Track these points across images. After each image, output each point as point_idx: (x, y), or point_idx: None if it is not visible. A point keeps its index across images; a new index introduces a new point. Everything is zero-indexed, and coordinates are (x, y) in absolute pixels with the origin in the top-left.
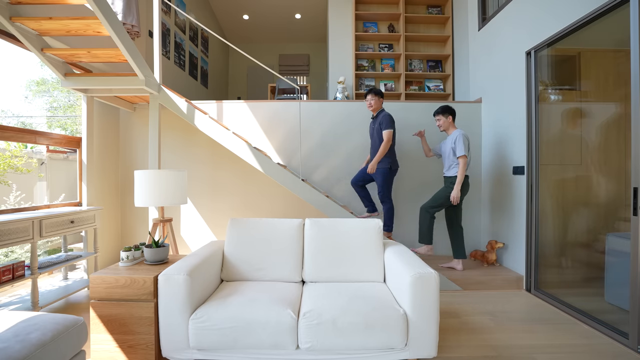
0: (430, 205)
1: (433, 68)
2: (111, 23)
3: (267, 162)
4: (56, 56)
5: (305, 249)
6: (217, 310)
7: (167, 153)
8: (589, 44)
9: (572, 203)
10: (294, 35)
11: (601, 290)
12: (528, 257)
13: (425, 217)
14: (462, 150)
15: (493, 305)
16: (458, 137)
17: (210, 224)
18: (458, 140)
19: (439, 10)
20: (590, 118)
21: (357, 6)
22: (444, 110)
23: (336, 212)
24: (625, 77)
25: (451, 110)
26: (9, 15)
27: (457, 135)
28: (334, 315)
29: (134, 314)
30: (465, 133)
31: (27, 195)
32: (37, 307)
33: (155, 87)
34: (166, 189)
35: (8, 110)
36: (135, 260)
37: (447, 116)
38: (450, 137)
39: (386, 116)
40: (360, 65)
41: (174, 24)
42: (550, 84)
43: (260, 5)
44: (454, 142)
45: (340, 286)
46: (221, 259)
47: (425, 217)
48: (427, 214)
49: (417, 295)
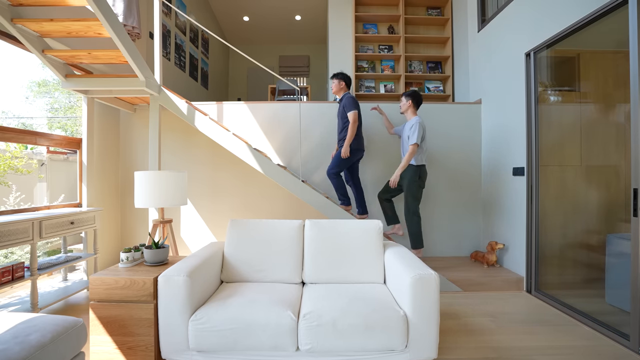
0: (409, 205)
1: (433, 69)
2: (112, 25)
3: (267, 163)
4: (57, 57)
5: (305, 250)
6: (217, 311)
7: (167, 154)
8: (588, 45)
9: (572, 204)
10: (294, 36)
11: (602, 291)
12: (528, 259)
13: (414, 220)
14: (415, 138)
15: (493, 306)
16: (415, 125)
17: (210, 225)
18: (414, 128)
19: (439, 11)
20: (590, 119)
21: (357, 8)
22: (409, 94)
23: (336, 213)
24: (625, 78)
25: (416, 95)
26: (11, 17)
27: (415, 123)
28: (334, 317)
29: (133, 316)
30: (422, 122)
31: (27, 196)
32: (36, 308)
33: (155, 88)
34: (166, 190)
35: (9, 111)
36: (135, 261)
37: (408, 99)
38: (408, 124)
39: (349, 98)
40: (360, 67)
41: (175, 26)
42: (549, 85)
43: (261, 6)
44: (410, 129)
45: (340, 287)
46: (221, 260)
47: (413, 220)
48: (413, 216)
49: (417, 297)
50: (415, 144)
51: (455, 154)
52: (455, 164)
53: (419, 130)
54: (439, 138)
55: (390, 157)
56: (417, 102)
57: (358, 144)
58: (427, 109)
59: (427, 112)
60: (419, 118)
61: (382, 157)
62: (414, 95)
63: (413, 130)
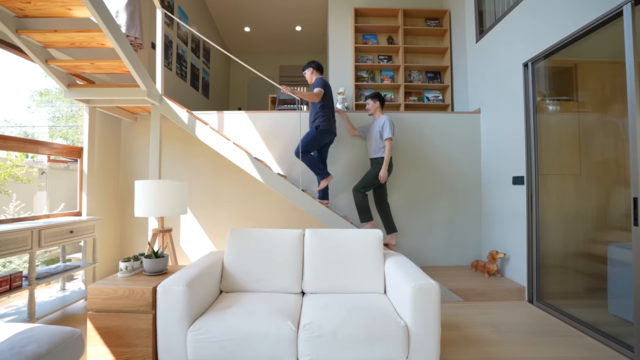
0: (361, 185)
1: (432, 79)
2: (115, 35)
3: (268, 173)
4: (60, 68)
5: (305, 259)
6: (216, 322)
7: (168, 163)
8: (585, 55)
9: (573, 213)
10: (294, 47)
11: (604, 301)
12: (529, 268)
13: (359, 196)
14: (388, 133)
15: (495, 316)
16: (385, 122)
17: (210, 234)
18: (385, 124)
19: (437, 22)
20: (589, 128)
21: (357, 19)
22: (373, 96)
23: (336, 222)
24: (622, 88)
25: (380, 97)
26: (15, 28)
27: (385, 120)
28: (334, 327)
29: (131, 326)
30: (390, 119)
31: (27, 205)
32: (33, 318)
33: (157, 97)
34: (166, 199)
35: (11, 120)
36: (134, 271)
37: (375, 101)
38: (377, 122)
39: (317, 79)
40: (359, 77)
41: (177, 36)
42: (548, 95)
43: (262, 17)
44: (382, 127)
45: (341, 297)
46: (220, 269)
47: (359, 196)
48: (359, 193)
49: (417, 307)
50: (390, 138)
51: (455, 163)
52: (455, 173)
53: (390, 126)
54: (438, 147)
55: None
56: (382, 102)
57: (329, 126)
58: (427, 118)
59: (426, 121)
60: (387, 116)
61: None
62: (379, 97)
63: (385, 126)
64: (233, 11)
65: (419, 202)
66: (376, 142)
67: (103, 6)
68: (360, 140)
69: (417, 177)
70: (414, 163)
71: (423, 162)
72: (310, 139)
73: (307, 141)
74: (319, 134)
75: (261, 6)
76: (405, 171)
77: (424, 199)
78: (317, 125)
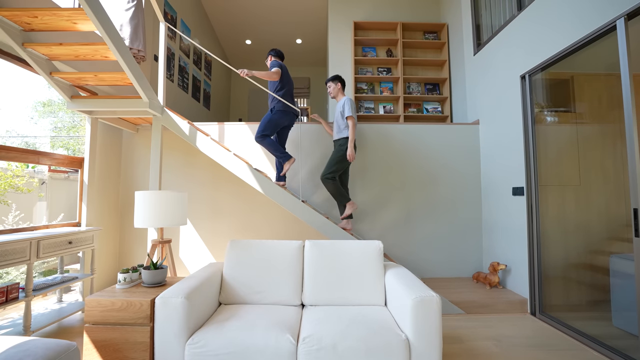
0: (327, 171)
1: (431, 91)
2: (119, 49)
3: (268, 184)
4: (64, 79)
5: (305, 271)
6: (214, 335)
7: (168, 174)
8: (581, 68)
9: (574, 224)
10: (295, 59)
11: (608, 314)
12: (531, 280)
13: (329, 183)
14: (349, 111)
15: (497, 329)
16: (345, 102)
17: (209, 245)
18: (345, 104)
19: (435, 36)
20: (587, 139)
21: (356, 32)
22: (334, 78)
23: (336, 233)
24: (618, 99)
25: (340, 78)
26: (22, 42)
27: (345, 100)
28: (334, 340)
29: (129, 339)
30: (350, 98)
31: (26, 215)
32: (28, 331)
33: (158, 109)
34: (166, 210)
35: (13, 130)
36: (132, 282)
37: (337, 83)
38: (339, 103)
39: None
40: (359, 88)
41: (179, 49)
42: (545, 106)
43: (263, 31)
44: (342, 107)
45: (341, 310)
46: (220, 281)
47: (329, 183)
48: (328, 180)
49: (418, 320)
50: (351, 116)
51: (454, 174)
52: (454, 184)
53: (351, 105)
54: (438, 158)
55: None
56: (343, 84)
57: (285, 106)
58: (426, 130)
59: (426, 132)
60: (348, 96)
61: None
62: (339, 78)
63: (346, 106)
64: (235, 24)
65: (419, 213)
66: (337, 122)
67: (108, 20)
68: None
69: (417, 188)
70: (413, 174)
71: (423, 173)
72: (267, 121)
73: (264, 124)
74: (276, 116)
75: (263, 20)
76: (405, 182)
77: (424, 210)
78: (273, 107)
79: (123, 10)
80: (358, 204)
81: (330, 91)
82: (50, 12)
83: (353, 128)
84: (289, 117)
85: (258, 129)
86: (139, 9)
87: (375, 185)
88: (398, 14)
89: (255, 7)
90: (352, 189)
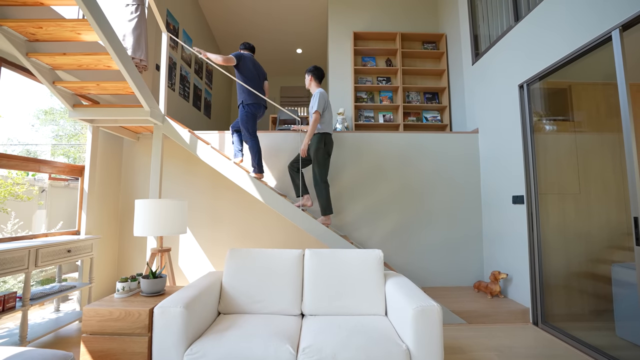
0: (315, 174)
1: (430, 100)
2: (121, 58)
3: (267, 192)
4: (66, 88)
5: (305, 280)
6: (213, 345)
7: (168, 182)
8: (579, 77)
9: (574, 232)
10: (295, 68)
11: (611, 323)
12: (533, 289)
13: (322, 188)
14: (314, 106)
15: (499, 339)
16: (315, 95)
17: (208, 254)
18: (314, 97)
19: (434, 46)
20: (586, 148)
21: (356, 42)
22: (309, 70)
23: (336, 242)
24: (616, 108)
25: (315, 71)
26: (26, 52)
27: (315, 94)
28: (334, 351)
29: (126, 349)
30: (323, 92)
31: (25, 223)
32: (25, 341)
33: (159, 118)
34: (166, 218)
35: (14, 138)
36: (131, 291)
37: (309, 75)
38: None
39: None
40: (359, 97)
41: (180, 58)
42: (544, 115)
43: (264, 40)
44: (312, 100)
45: (341, 320)
46: (219, 290)
47: (321, 188)
48: (321, 183)
49: (419, 330)
50: (316, 112)
51: (454, 183)
52: (455, 193)
53: (319, 99)
54: (438, 166)
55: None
56: (317, 76)
57: (253, 98)
58: (426, 138)
59: (426, 141)
60: (321, 89)
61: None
62: (314, 70)
63: (314, 100)
64: (236, 34)
65: (420, 222)
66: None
67: (111, 31)
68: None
69: (417, 196)
70: (413, 182)
71: (423, 181)
72: (244, 119)
73: (244, 122)
74: (248, 109)
75: (263, 30)
76: (405, 190)
77: (425, 219)
78: (242, 101)
79: (126, 21)
80: (358, 212)
81: (305, 83)
82: (55, 23)
83: (314, 124)
84: (259, 108)
85: (243, 131)
86: (141, 20)
87: (375, 194)
88: (397, 25)
89: (256, 16)
90: (352, 198)
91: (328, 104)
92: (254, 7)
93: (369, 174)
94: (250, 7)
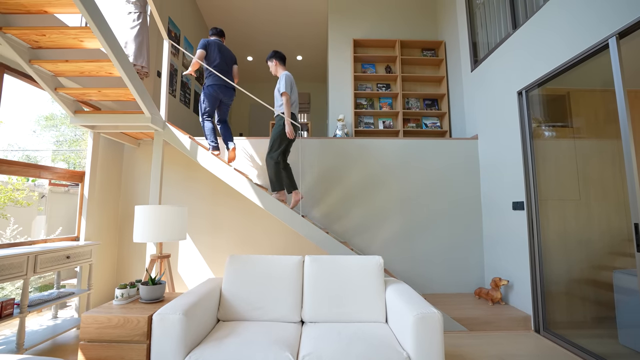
0: (272, 149)
1: (429, 106)
2: (123, 65)
3: (267, 198)
4: (68, 95)
5: (305, 287)
6: (212, 352)
7: (168, 188)
8: (577, 83)
9: (575, 238)
10: (295, 75)
11: (614, 331)
12: (534, 296)
13: (270, 164)
14: (282, 87)
15: (501, 347)
16: (281, 77)
17: (208, 260)
18: (280, 79)
19: (433, 53)
20: (585, 154)
21: (356, 49)
22: (270, 56)
23: (336, 248)
24: (614, 114)
25: (277, 55)
26: (29, 59)
27: (281, 76)
28: (333, 358)
29: (124, 357)
30: (289, 74)
31: (24, 229)
32: (21, 349)
33: (160, 124)
34: (166, 224)
35: (15, 143)
36: (130, 298)
37: (272, 60)
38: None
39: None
40: (359, 104)
41: (182, 65)
42: (543, 121)
43: (264, 47)
44: (279, 82)
45: (341, 327)
46: (218, 297)
47: (270, 164)
48: (271, 160)
49: (420, 337)
50: (285, 92)
51: (454, 189)
52: (455, 199)
53: (285, 81)
54: (438, 173)
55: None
56: (281, 59)
57: (215, 80)
58: (426, 145)
59: (425, 147)
60: (287, 72)
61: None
62: (276, 55)
63: (280, 82)
64: (237, 41)
65: (420, 228)
66: (276, 99)
67: (113, 38)
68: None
69: (417, 202)
70: (413, 188)
71: (423, 188)
72: (202, 99)
73: (201, 103)
74: (206, 90)
75: (264, 37)
76: (405, 196)
77: (425, 225)
78: (204, 83)
79: (128, 28)
80: (358, 219)
81: (271, 70)
82: (58, 30)
83: (287, 104)
84: (222, 90)
85: (200, 111)
86: (143, 27)
87: (375, 200)
88: (396, 32)
89: (256, 24)
90: (352, 204)
91: (294, 85)
92: (254, 15)
93: (369, 180)
94: (251, 15)
